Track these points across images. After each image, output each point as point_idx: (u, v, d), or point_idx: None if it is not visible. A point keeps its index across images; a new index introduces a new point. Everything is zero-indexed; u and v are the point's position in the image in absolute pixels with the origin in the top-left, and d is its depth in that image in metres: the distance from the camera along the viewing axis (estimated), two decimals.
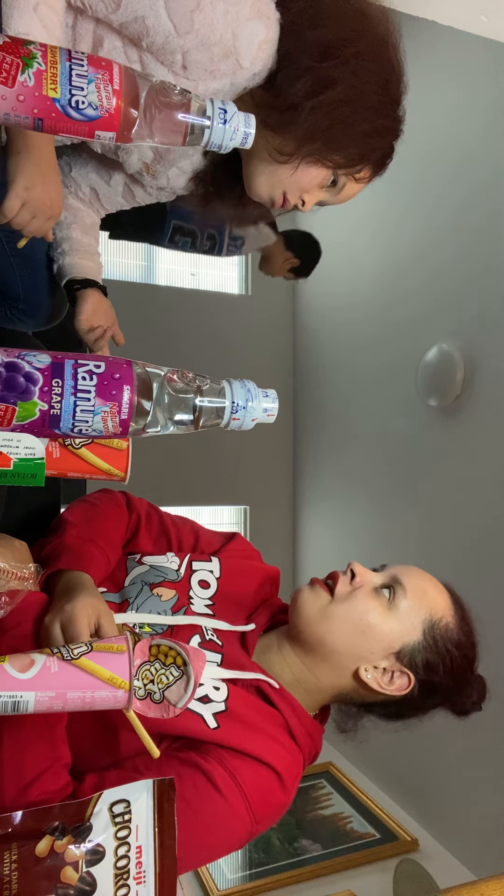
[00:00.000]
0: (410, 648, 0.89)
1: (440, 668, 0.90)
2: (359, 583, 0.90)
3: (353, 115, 0.96)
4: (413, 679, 0.90)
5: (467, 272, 2.77)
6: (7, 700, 0.56)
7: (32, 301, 1.26)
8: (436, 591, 0.93)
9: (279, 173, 1.01)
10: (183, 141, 0.63)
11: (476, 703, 0.95)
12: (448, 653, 0.90)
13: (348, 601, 0.89)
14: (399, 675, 0.90)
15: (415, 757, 2.89)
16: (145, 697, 0.61)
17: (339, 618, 0.89)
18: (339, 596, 0.90)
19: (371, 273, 3.46)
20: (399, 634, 0.89)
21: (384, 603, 0.89)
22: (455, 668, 0.91)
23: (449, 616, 0.91)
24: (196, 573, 0.95)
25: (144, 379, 0.60)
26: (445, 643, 0.90)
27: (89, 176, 1.24)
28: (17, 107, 0.56)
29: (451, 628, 0.91)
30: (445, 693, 0.92)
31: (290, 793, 0.83)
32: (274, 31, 0.94)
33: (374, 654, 0.90)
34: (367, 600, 0.89)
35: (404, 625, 0.89)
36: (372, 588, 0.90)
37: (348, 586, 0.90)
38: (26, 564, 0.81)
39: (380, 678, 0.90)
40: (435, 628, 0.90)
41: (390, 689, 0.90)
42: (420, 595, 0.90)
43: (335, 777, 3.31)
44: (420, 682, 0.90)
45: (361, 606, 0.89)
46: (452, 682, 0.92)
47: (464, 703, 0.94)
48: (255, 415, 0.63)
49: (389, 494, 3.29)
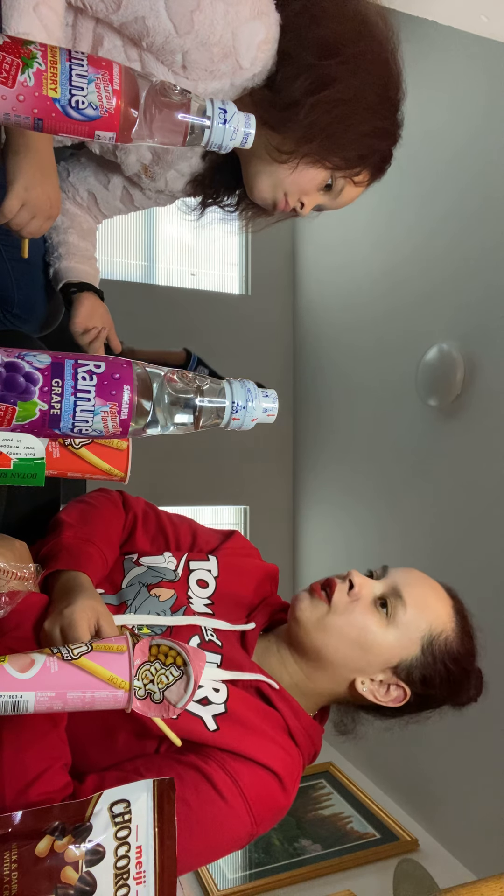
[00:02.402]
0: (408, 664, 0.89)
1: (437, 681, 0.89)
2: (357, 594, 0.89)
3: (351, 115, 0.96)
4: (409, 692, 0.90)
5: (468, 272, 2.77)
6: (7, 700, 0.56)
7: (28, 305, 1.26)
8: (436, 601, 0.91)
9: (278, 173, 1.01)
10: (183, 141, 0.63)
11: (473, 697, 0.94)
12: (446, 668, 0.89)
13: (346, 614, 0.88)
14: (395, 687, 0.90)
15: (415, 757, 2.89)
16: (145, 697, 0.61)
17: (336, 630, 0.88)
18: (336, 607, 0.89)
19: (371, 273, 3.46)
20: (397, 650, 0.88)
21: (382, 618, 0.88)
22: (452, 681, 0.90)
23: (449, 629, 0.90)
24: (194, 572, 0.95)
25: (144, 379, 0.60)
26: (444, 658, 0.89)
27: (87, 180, 1.24)
28: (17, 107, 0.56)
29: (451, 642, 0.90)
30: (441, 701, 0.92)
31: (290, 795, 0.83)
32: (274, 32, 0.94)
33: (371, 668, 0.89)
34: (365, 615, 0.88)
35: (403, 640, 0.88)
36: (371, 600, 0.89)
37: (346, 597, 0.89)
38: (26, 564, 0.80)
39: (376, 690, 0.90)
40: (434, 644, 0.89)
41: (385, 700, 0.90)
42: (420, 607, 0.89)
43: (335, 777, 3.31)
44: (415, 694, 0.90)
45: (360, 621, 0.88)
46: (448, 693, 0.91)
47: (460, 700, 0.94)
48: (255, 415, 0.63)
49: (389, 494, 3.29)
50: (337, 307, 3.85)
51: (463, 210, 2.79)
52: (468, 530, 2.73)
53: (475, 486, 2.72)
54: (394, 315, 3.28)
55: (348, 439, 3.69)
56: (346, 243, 3.60)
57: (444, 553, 2.77)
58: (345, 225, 3.36)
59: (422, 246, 3.06)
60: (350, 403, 3.68)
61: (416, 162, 2.90)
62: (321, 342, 4.03)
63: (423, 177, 2.94)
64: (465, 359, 2.76)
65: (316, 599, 0.90)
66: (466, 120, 2.75)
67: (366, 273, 3.50)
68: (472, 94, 2.71)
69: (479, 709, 0.96)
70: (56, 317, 1.33)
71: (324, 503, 4.00)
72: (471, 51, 2.64)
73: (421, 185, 2.97)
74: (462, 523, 2.77)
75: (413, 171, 2.93)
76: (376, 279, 3.42)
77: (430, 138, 2.84)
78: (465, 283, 2.79)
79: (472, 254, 2.74)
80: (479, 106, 2.68)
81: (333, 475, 3.89)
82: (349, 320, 3.70)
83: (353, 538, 3.63)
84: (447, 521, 2.87)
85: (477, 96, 2.69)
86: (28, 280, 1.24)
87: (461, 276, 2.80)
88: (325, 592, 0.91)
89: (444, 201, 2.90)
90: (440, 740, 2.66)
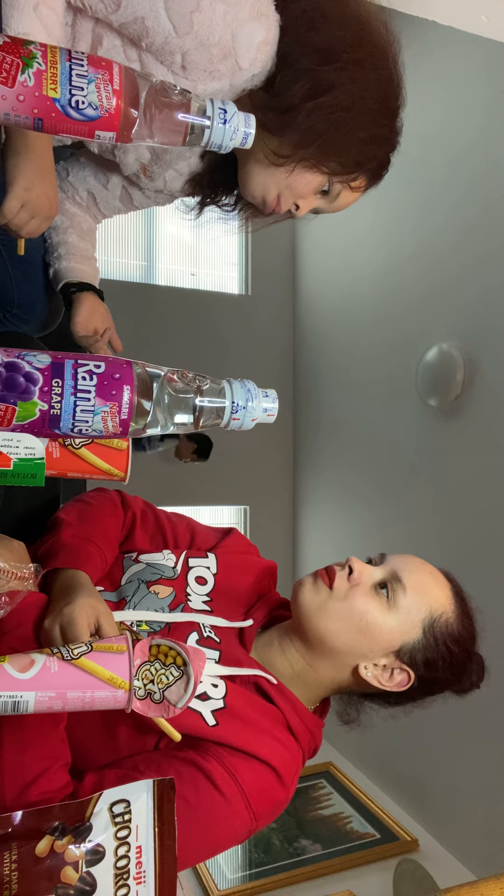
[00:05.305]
0: (410, 647, 0.89)
1: (440, 664, 0.90)
2: (357, 580, 0.90)
3: (349, 121, 0.96)
4: (413, 675, 0.90)
5: (468, 273, 2.77)
6: (7, 700, 0.56)
7: (27, 305, 1.26)
8: (435, 585, 0.92)
9: (275, 176, 1.01)
10: (183, 141, 0.63)
11: (475, 682, 0.95)
12: (448, 649, 0.90)
13: (347, 599, 0.89)
14: (399, 671, 0.90)
15: (415, 757, 2.89)
16: (145, 697, 0.61)
17: (338, 616, 0.89)
18: (337, 592, 0.89)
19: (371, 274, 3.46)
20: (399, 633, 0.89)
21: (383, 602, 0.89)
22: (455, 662, 0.91)
23: (449, 611, 0.91)
24: (193, 570, 0.95)
25: (144, 379, 0.60)
26: (445, 640, 0.90)
27: (87, 180, 1.24)
28: (17, 107, 0.56)
29: (451, 623, 0.91)
30: (445, 684, 0.92)
31: (289, 789, 0.83)
32: (273, 33, 0.94)
33: (374, 653, 0.90)
34: (366, 599, 0.89)
35: (404, 624, 0.89)
36: (371, 585, 0.90)
37: (346, 582, 0.90)
38: (26, 564, 0.80)
39: (379, 675, 0.90)
40: (435, 625, 0.90)
41: (389, 685, 0.90)
42: (420, 591, 0.90)
43: (335, 777, 3.31)
44: (419, 677, 0.90)
45: (361, 606, 0.88)
46: (452, 675, 0.92)
47: (463, 686, 0.94)
48: (255, 415, 0.63)
49: (389, 494, 3.29)
50: (337, 307, 3.85)
51: (463, 210, 2.79)
52: (468, 530, 2.73)
53: (475, 485, 2.72)
54: (394, 315, 3.28)
55: (348, 439, 3.69)
56: (346, 243, 3.60)
57: (445, 553, 2.77)
58: (345, 225, 3.36)
59: (422, 246, 3.06)
60: (350, 403, 3.68)
61: (417, 162, 2.90)
62: (321, 342, 4.03)
63: (423, 177, 2.94)
64: (465, 359, 2.76)
65: (319, 583, 0.90)
66: (467, 120, 2.75)
67: (366, 273, 3.50)
68: (472, 94, 2.71)
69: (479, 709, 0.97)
70: (56, 317, 1.33)
71: (324, 503, 4.00)
72: (471, 51, 2.64)
73: (421, 185, 2.97)
74: (462, 523, 2.78)
75: (413, 171, 2.93)
76: (376, 279, 3.42)
77: (430, 138, 2.84)
78: (465, 284, 2.79)
79: (473, 254, 2.74)
80: (479, 106, 2.68)
81: (333, 475, 3.89)
82: (349, 320, 3.70)
83: (353, 538, 3.63)
84: (447, 520, 2.87)
85: (477, 96, 2.69)
86: (28, 280, 1.24)
87: (461, 277, 2.81)
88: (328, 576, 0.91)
89: (444, 201, 2.90)
90: (441, 741, 2.66)
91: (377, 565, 0.93)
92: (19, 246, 1.07)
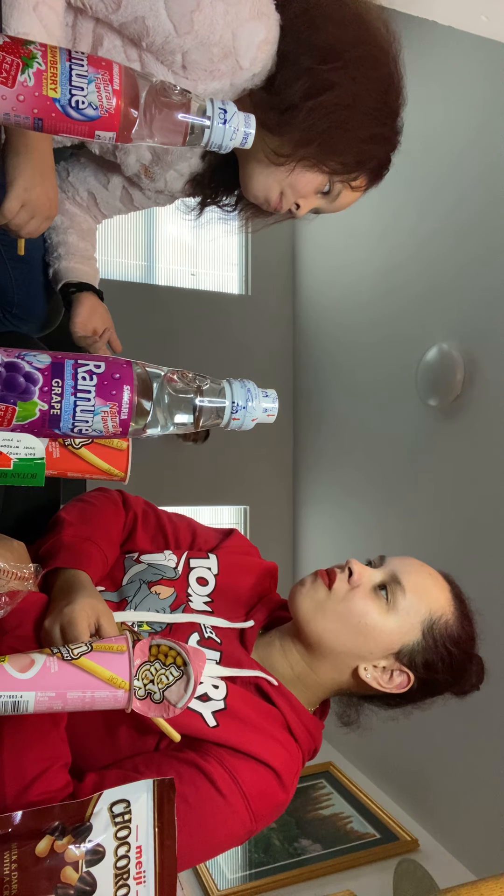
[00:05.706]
0: (409, 649, 0.89)
1: (439, 665, 0.90)
2: (356, 581, 0.90)
3: (350, 120, 0.96)
4: (412, 677, 0.90)
5: (468, 272, 2.77)
6: (7, 700, 0.56)
7: (27, 305, 1.26)
8: (435, 587, 0.92)
9: (275, 175, 1.01)
10: (183, 141, 0.63)
11: (475, 684, 0.95)
12: (447, 651, 0.90)
13: (346, 601, 0.89)
14: (398, 673, 0.90)
15: (415, 757, 2.89)
16: (145, 697, 0.61)
17: (336, 616, 0.89)
18: (336, 593, 0.89)
19: (371, 273, 3.46)
20: (398, 635, 0.89)
21: (383, 604, 0.89)
22: (454, 664, 0.91)
23: (448, 613, 0.91)
24: (194, 570, 0.95)
25: (144, 379, 0.60)
26: (445, 641, 0.90)
27: (87, 180, 1.24)
28: (17, 107, 0.56)
29: (451, 625, 0.91)
30: (444, 686, 0.93)
31: (289, 791, 0.83)
32: (274, 32, 0.94)
33: (374, 654, 0.90)
34: (365, 601, 0.89)
35: (403, 625, 0.89)
36: (370, 587, 0.90)
37: (346, 584, 0.90)
38: (25, 564, 0.80)
39: (379, 677, 0.90)
40: (434, 627, 0.90)
41: (389, 686, 0.90)
42: (419, 593, 0.90)
43: (335, 777, 3.31)
44: (419, 679, 0.90)
45: (360, 607, 0.88)
46: (451, 677, 0.92)
47: (462, 687, 0.94)
48: (255, 415, 0.63)
49: (389, 495, 3.29)
50: (337, 307, 3.85)
51: (463, 210, 2.79)
52: (468, 530, 2.73)
53: (475, 485, 2.72)
54: (394, 315, 3.28)
55: (348, 439, 3.69)
56: (346, 243, 3.60)
57: (444, 553, 2.77)
58: (345, 225, 3.36)
59: (422, 246, 3.06)
60: (350, 403, 3.68)
61: (417, 162, 2.90)
62: (321, 342, 4.03)
63: (423, 177, 2.94)
64: (465, 359, 2.76)
65: (318, 583, 0.90)
66: (467, 120, 2.75)
67: (366, 273, 3.50)
68: (472, 95, 2.71)
69: (479, 709, 0.97)
70: (56, 317, 1.33)
71: (324, 503, 4.00)
72: (471, 51, 2.64)
73: (421, 184, 2.97)
74: (462, 523, 2.78)
75: (413, 171, 2.93)
76: (376, 279, 3.42)
77: (430, 138, 2.84)
78: (465, 284, 2.79)
79: (473, 254, 2.74)
80: (479, 106, 2.68)
81: (333, 475, 3.89)
82: (349, 320, 3.70)
83: (353, 538, 3.63)
84: (447, 521, 2.87)
85: (477, 96, 2.69)
86: (28, 280, 1.24)
87: (461, 277, 2.80)
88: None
89: (444, 201, 2.90)
90: (440, 740, 2.66)
91: (377, 567, 0.93)
92: (19, 246, 1.07)
